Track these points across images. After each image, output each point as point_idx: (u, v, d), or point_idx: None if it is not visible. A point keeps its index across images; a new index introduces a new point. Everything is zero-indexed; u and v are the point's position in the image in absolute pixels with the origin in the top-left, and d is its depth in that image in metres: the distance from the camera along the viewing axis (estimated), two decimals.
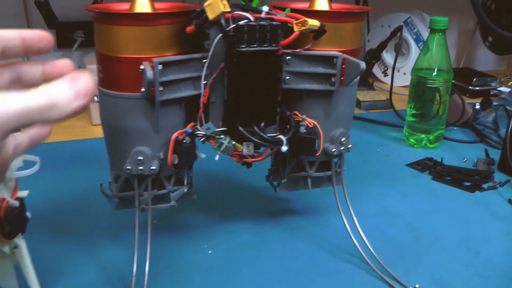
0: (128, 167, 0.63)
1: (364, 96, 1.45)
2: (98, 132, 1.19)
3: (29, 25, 1.44)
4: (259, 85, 0.64)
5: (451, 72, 1.10)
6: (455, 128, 1.27)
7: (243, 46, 0.61)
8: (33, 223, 0.60)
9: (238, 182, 0.95)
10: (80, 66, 1.40)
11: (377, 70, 1.71)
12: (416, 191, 0.94)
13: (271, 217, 0.84)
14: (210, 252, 0.75)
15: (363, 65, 0.65)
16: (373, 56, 1.43)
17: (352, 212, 0.74)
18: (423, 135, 1.13)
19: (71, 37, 1.44)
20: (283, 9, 0.68)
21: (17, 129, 0.36)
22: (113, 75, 0.62)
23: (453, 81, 1.60)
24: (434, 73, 1.09)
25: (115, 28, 0.60)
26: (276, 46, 0.63)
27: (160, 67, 0.59)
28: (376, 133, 1.23)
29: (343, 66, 0.67)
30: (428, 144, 1.14)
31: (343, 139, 0.72)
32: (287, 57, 0.67)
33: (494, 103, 1.40)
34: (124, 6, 0.66)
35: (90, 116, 1.25)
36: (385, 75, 1.69)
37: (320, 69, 0.68)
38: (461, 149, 1.15)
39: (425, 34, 1.59)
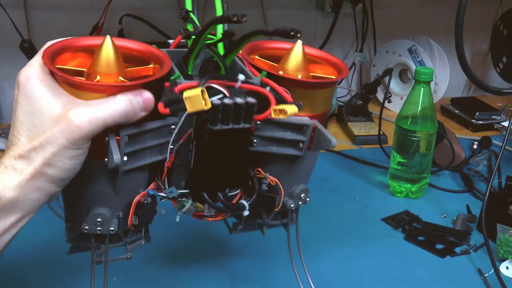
0: (86, 227, 0.62)
1: (360, 129, 1.43)
2: None
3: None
4: (229, 158, 0.63)
5: (435, 124, 1.08)
6: (446, 172, 1.24)
7: (216, 125, 0.58)
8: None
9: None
10: None
11: (381, 96, 1.68)
12: (384, 253, 0.93)
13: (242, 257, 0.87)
14: None
15: (334, 142, 0.64)
16: (369, 91, 1.41)
17: (303, 262, 0.75)
18: (406, 185, 1.11)
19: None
20: (258, 69, 0.66)
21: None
22: None
23: (457, 111, 1.59)
24: (417, 126, 1.07)
25: (81, 94, 0.55)
26: (249, 123, 0.61)
27: (126, 139, 0.57)
28: (361, 176, 1.22)
29: (313, 133, 0.66)
30: (410, 194, 1.12)
31: (302, 195, 0.73)
32: (257, 122, 0.65)
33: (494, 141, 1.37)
34: (89, 41, 0.61)
35: None
36: (389, 101, 1.66)
37: (290, 135, 0.67)
38: (445, 199, 1.13)
39: (428, 62, 1.56)
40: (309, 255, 0.78)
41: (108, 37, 0.57)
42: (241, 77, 0.60)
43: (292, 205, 0.72)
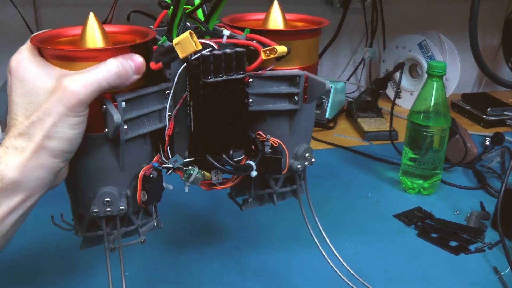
0: (95, 210, 0.61)
1: (370, 125, 1.41)
2: None
3: None
4: (227, 113, 0.62)
5: (448, 119, 1.06)
6: (458, 168, 1.23)
7: (210, 77, 0.58)
8: None
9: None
10: None
11: (390, 92, 1.66)
12: (397, 250, 0.91)
13: (252, 253, 0.86)
14: None
15: (328, 85, 0.64)
16: (379, 86, 1.39)
17: (317, 222, 0.75)
18: (418, 181, 1.10)
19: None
20: (240, 28, 0.66)
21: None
22: None
23: (468, 107, 1.57)
24: (430, 121, 1.05)
25: (68, 66, 0.55)
26: (242, 73, 0.61)
27: (123, 104, 0.56)
28: (372, 172, 1.20)
29: (306, 84, 0.66)
30: (422, 191, 1.10)
31: (307, 154, 0.71)
32: (250, 80, 0.65)
33: (507, 137, 1.35)
34: (75, 30, 0.62)
35: None
36: (399, 97, 1.64)
37: (283, 89, 0.66)
38: (458, 195, 1.11)
39: (439, 57, 1.54)
40: (319, 252, 0.77)
41: (91, 13, 0.58)
42: (226, 32, 0.61)
43: (299, 166, 0.71)
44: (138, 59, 0.55)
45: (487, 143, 1.34)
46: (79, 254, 0.68)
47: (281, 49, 0.61)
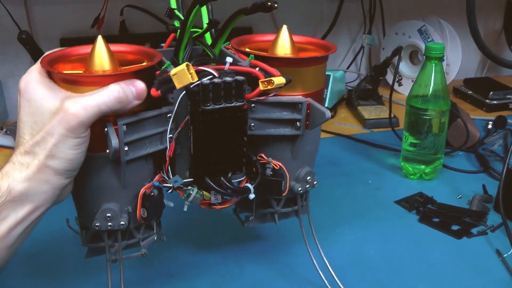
0: (97, 224, 0.64)
1: (370, 113, 1.39)
2: None
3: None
4: (225, 138, 0.64)
5: (448, 102, 1.04)
6: (460, 153, 1.21)
7: (209, 104, 0.60)
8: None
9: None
10: None
11: (390, 79, 1.64)
12: (398, 236, 0.90)
13: (250, 244, 0.86)
14: None
15: (328, 114, 0.65)
16: (379, 73, 1.37)
17: (318, 245, 0.76)
18: (419, 166, 1.08)
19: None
20: (245, 53, 0.67)
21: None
22: None
23: (470, 92, 1.55)
24: (429, 104, 1.03)
25: (74, 89, 0.57)
26: (241, 101, 0.62)
27: (124, 128, 0.59)
28: (373, 159, 1.18)
29: (308, 111, 0.67)
30: (424, 176, 1.08)
31: (308, 178, 0.73)
32: (252, 105, 0.66)
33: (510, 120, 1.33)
34: (84, 50, 0.64)
35: None
36: (400, 84, 1.62)
37: (286, 115, 0.68)
38: (460, 180, 1.09)
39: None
40: (320, 239, 0.76)
41: (99, 36, 0.60)
42: (229, 59, 0.63)
43: (300, 189, 0.72)
44: (140, 85, 0.57)
45: (490, 127, 1.32)
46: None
47: (278, 80, 0.62)
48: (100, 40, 0.60)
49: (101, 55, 0.60)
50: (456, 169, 1.13)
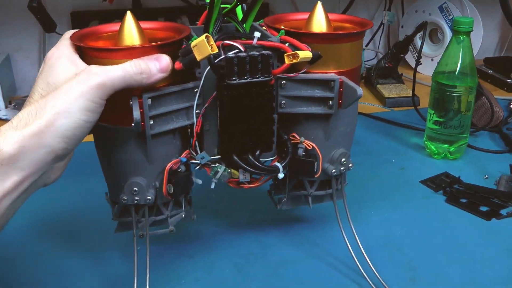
0: (124, 197, 0.63)
1: (390, 91, 1.36)
2: None
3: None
4: (252, 115, 0.63)
5: (475, 79, 1.01)
6: (484, 133, 1.17)
7: (234, 78, 0.59)
8: (36, 234, 0.65)
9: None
10: None
11: (410, 58, 1.60)
12: (425, 216, 0.87)
13: (271, 224, 0.83)
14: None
15: (360, 91, 0.62)
16: (400, 50, 1.33)
17: (353, 230, 0.73)
18: (443, 145, 1.04)
19: (87, 26, 1.40)
20: (277, 30, 0.65)
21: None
22: (105, 108, 0.58)
23: (491, 71, 1.51)
24: (456, 81, 1.00)
25: (103, 62, 0.57)
26: (268, 76, 0.60)
27: (149, 101, 0.57)
28: (395, 138, 1.15)
29: (341, 89, 0.64)
30: (448, 155, 1.05)
31: (343, 159, 0.71)
32: (282, 82, 0.64)
33: None
34: (113, 27, 0.64)
35: None
36: (419, 63, 1.58)
37: (317, 93, 0.66)
38: (485, 160, 1.05)
39: None
40: (345, 220, 0.74)
41: (128, 12, 0.60)
42: (257, 34, 0.62)
43: (334, 171, 0.70)
44: (164, 59, 0.56)
45: None
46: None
47: (304, 54, 0.60)
48: (129, 15, 0.60)
49: (131, 31, 0.60)
50: (481, 149, 1.09)
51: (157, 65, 0.56)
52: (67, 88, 0.52)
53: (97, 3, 1.39)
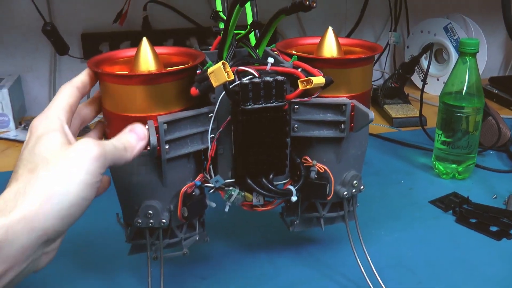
0: (138, 221, 0.64)
1: (397, 111, 1.37)
2: None
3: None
4: (266, 139, 0.64)
5: (482, 99, 1.01)
6: (491, 152, 1.18)
7: (248, 104, 0.60)
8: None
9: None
10: None
11: (416, 79, 1.61)
12: (435, 236, 0.87)
13: (283, 245, 0.84)
14: None
15: (372, 115, 0.64)
16: (406, 70, 1.34)
17: (365, 251, 0.74)
18: (452, 165, 1.05)
19: (97, 49, 1.42)
20: (290, 55, 0.67)
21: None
22: (119, 132, 0.60)
23: (496, 91, 1.52)
24: (463, 102, 1.01)
25: (117, 88, 0.59)
26: (282, 101, 0.62)
27: (165, 126, 0.58)
28: (403, 158, 1.16)
29: (353, 113, 0.66)
30: (457, 175, 1.05)
31: (354, 182, 0.72)
32: (295, 106, 0.66)
33: None
34: (129, 52, 0.66)
35: None
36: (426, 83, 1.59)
37: (329, 116, 0.67)
38: (494, 179, 1.06)
39: None
40: (355, 240, 0.74)
41: (144, 38, 0.62)
42: (270, 60, 0.63)
43: (345, 193, 0.71)
44: (139, 128, 0.57)
45: None
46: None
47: (318, 80, 0.61)
48: (145, 41, 0.62)
49: (146, 56, 0.61)
50: (489, 168, 1.10)
51: (134, 137, 0.56)
52: (64, 161, 0.47)
53: (107, 25, 1.41)
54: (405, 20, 1.65)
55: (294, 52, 0.68)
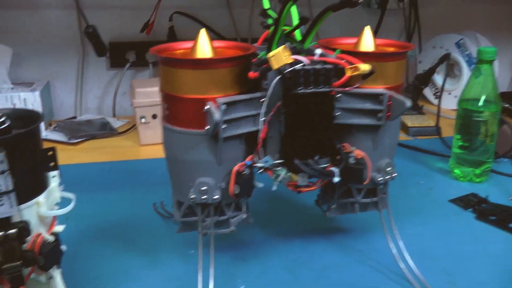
0: (192, 196, 0.69)
1: (413, 121, 1.42)
2: (146, 152, 1.24)
3: (85, 46, 1.48)
4: (314, 123, 0.69)
5: (499, 105, 1.07)
6: (505, 159, 1.23)
7: (300, 88, 0.66)
8: (89, 239, 0.69)
9: (287, 202, 0.97)
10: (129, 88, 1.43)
11: (428, 93, 1.67)
12: (457, 231, 0.92)
13: (315, 233, 0.89)
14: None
15: (408, 103, 0.70)
16: (422, 81, 1.40)
17: (397, 236, 0.79)
18: (469, 168, 1.10)
19: (123, 57, 1.48)
20: (333, 49, 0.73)
21: None
22: (179, 113, 0.68)
23: (507, 105, 1.57)
24: (481, 106, 1.06)
25: (180, 71, 0.65)
26: (329, 87, 0.68)
27: (224, 107, 0.64)
28: (421, 163, 1.21)
29: (389, 102, 0.72)
30: (474, 178, 1.10)
31: (388, 169, 0.78)
32: (337, 95, 0.72)
33: None
34: (186, 45, 0.72)
35: (139, 136, 1.28)
36: (436, 97, 1.65)
37: (368, 105, 0.73)
38: (509, 184, 1.11)
39: None
40: (379, 232, 0.80)
41: (202, 30, 0.68)
42: (319, 51, 0.69)
43: (380, 179, 0.77)
44: None
45: None
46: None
47: (364, 67, 0.67)
48: (203, 32, 0.68)
49: (204, 45, 0.68)
50: (505, 173, 1.15)
51: None
52: None
53: (134, 35, 1.47)
54: (417, 36, 1.71)
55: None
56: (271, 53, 0.63)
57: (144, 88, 1.26)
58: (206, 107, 0.65)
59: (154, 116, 1.26)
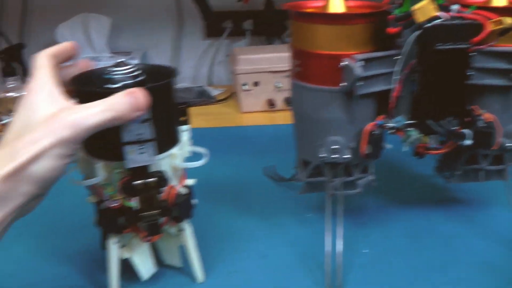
0: (323, 155, 0.67)
1: None
2: (248, 119, 1.25)
3: (181, 16, 1.49)
4: (449, 82, 0.67)
5: None
6: None
7: (439, 44, 0.63)
8: (202, 199, 0.66)
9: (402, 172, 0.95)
10: (228, 55, 1.43)
11: None
12: None
13: (436, 204, 0.86)
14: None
15: None
16: None
17: None
18: None
19: (220, 26, 1.48)
20: (466, 5, 0.68)
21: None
22: (312, 70, 0.66)
23: None
24: None
25: (315, 27, 0.64)
26: (466, 43, 0.65)
27: (362, 63, 0.63)
28: None
29: None
30: None
31: None
32: (473, 53, 0.67)
33: None
34: (316, 3, 0.71)
35: (241, 104, 1.28)
36: None
37: (502, 65, 0.68)
38: None
39: None
40: (501, 205, 0.79)
41: None
42: (455, 6, 0.65)
43: (509, 145, 0.72)
44: (139, 95, 0.52)
45: None
46: None
47: (508, 20, 0.63)
48: None
49: (335, 3, 0.66)
50: None
51: (130, 107, 0.52)
52: (40, 135, 0.48)
53: (232, 4, 1.46)
54: None
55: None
56: (417, 5, 0.61)
57: (247, 55, 1.25)
58: (343, 63, 0.63)
59: (256, 84, 1.25)
